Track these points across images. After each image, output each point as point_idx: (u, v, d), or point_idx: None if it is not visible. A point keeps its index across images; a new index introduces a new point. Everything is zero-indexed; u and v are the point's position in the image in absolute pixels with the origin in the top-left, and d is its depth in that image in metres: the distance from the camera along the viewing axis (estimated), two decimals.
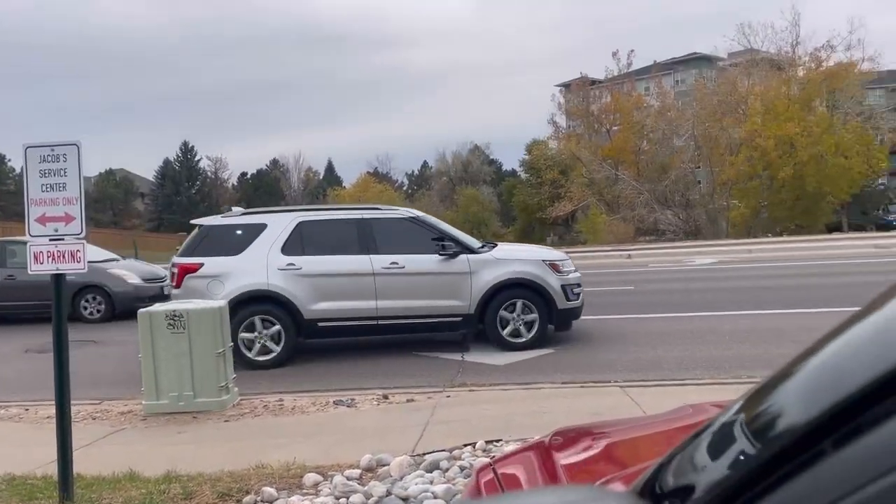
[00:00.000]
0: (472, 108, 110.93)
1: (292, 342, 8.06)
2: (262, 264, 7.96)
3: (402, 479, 4.22)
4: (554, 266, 8.46)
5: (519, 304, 8.23)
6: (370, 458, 4.53)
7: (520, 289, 8.26)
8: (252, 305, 7.95)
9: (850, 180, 35.58)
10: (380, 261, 8.09)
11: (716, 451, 0.88)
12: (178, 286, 8.04)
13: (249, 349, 7.97)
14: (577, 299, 8.56)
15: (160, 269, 13.79)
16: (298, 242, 8.13)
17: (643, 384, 6.55)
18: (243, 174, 79.63)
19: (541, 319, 8.28)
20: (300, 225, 8.23)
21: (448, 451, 4.63)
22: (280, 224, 8.24)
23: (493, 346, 8.42)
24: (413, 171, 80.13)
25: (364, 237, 8.22)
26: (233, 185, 79.40)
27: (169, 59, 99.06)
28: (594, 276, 16.91)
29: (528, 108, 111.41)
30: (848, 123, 36.36)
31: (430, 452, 4.62)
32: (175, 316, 6.29)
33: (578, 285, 8.67)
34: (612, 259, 23.18)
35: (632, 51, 57.08)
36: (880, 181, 42.18)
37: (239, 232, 8.26)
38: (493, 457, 4.41)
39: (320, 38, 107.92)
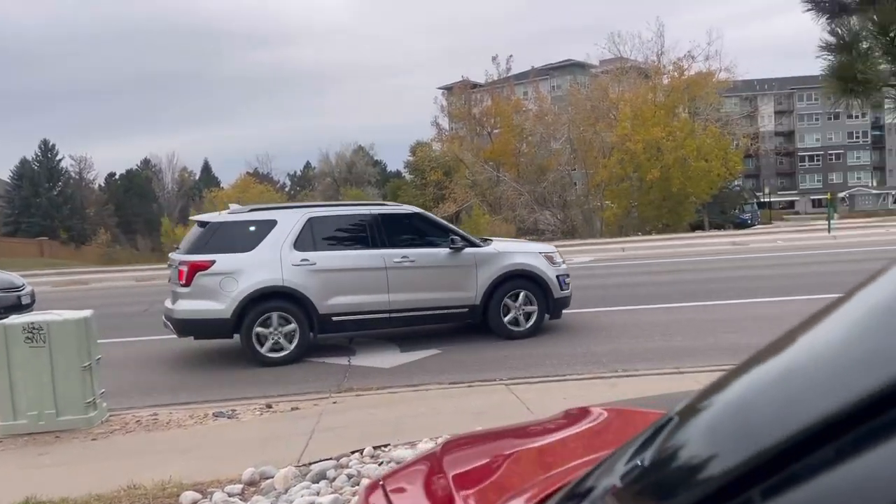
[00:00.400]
0: (355, 109, 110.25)
1: (306, 340, 8.04)
2: (276, 260, 7.94)
3: (286, 491, 4.08)
4: (549, 257, 9.01)
5: (522, 294, 8.67)
6: (253, 472, 4.35)
7: (521, 280, 8.69)
8: (266, 302, 7.91)
9: (711, 182, 38.23)
10: (391, 255, 8.24)
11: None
12: (187, 284, 7.81)
13: (262, 345, 7.90)
14: (569, 289, 9.15)
15: (17, 278, 12.70)
16: (310, 238, 8.13)
17: (528, 381, 6.70)
18: (111, 174, 75.17)
19: (539, 309, 8.76)
20: (310, 221, 8.22)
21: (335, 459, 4.52)
22: (290, 220, 8.18)
23: (386, 348, 8.41)
24: (295, 172, 78.53)
25: (374, 232, 8.34)
26: (99, 185, 74.75)
27: (29, 54, 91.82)
28: None
29: (412, 109, 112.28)
30: (708, 129, 39.07)
31: (317, 462, 4.50)
32: (34, 329, 5.79)
33: (568, 275, 9.24)
34: None
35: (510, 56, 58.76)
36: (736, 183, 45.64)
37: (252, 228, 8.13)
38: (382, 463, 4.36)
39: (194, 34, 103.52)
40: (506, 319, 8.66)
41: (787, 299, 10.48)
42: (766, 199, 63.14)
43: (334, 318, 8.09)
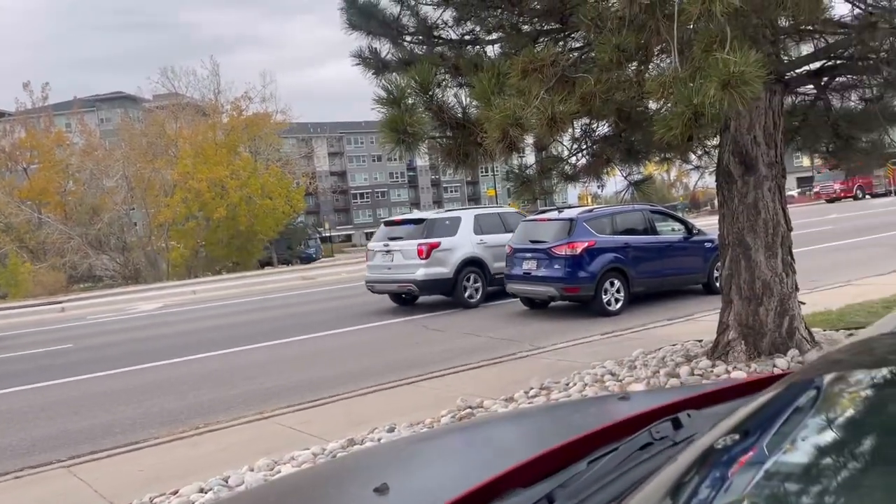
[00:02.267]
0: None
1: (485, 289, 12.50)
2: (469, 241, 12.52)
3: None
4: None
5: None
6: None
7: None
8: (466, 266, 12.35)
9: (276, 219, 39.49)
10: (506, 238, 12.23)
11: None
12: (426, 257, 12.01)
13: (466, 294, 12.36)
14: None
15: None
16: (479, 227, 12.72)
17: (95, 458, 5.80)
18: None
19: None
20: (477, 217, 12.93)
21: None
22: (468, 216, 12.89)
23: None
24: None
25: (504, 224, 12.89)
26: None
27: None
28: (22, 338, 14.64)
29: None
30: (270, 168, 40.38)
31: None
32: None
33: None
34: (42, 315, 20.46)
35: (46, 83, 52.26)
36: (300, 219, 48.05)
37: (447, 222, 12.65)
38: None
39: None
40: None
41: (366, 326, 11.29)
42: (327, 234, 67.97)
43: (496, 276, 12.20)
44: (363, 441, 5.24)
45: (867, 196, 42.33)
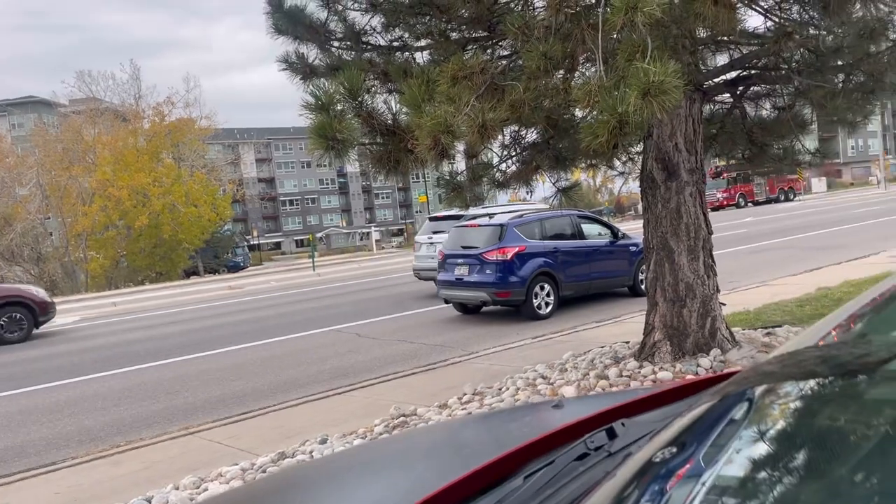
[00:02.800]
0: None
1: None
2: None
3: None
4: None
5: None
6: None
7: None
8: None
9: (202, 227, 38.39)
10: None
11: None
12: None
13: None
14: None
15: None
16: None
17: (5, 482, 5.48)
18: None
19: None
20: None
21: None
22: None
23: None
24: None
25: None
26: None
27: None
28: None
29: None
30: (195, 175, 39.24)
31: None
32: None
33: None
34: None
35: None
36: (227, 228, 46.88)
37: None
38: None
39: None
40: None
41: (290, 337, 11.06)
42: (255, 242, 66.56)
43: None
44: (294, 454, 5.12)
45: (749, 204, 44.32)
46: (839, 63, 5.66)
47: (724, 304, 6.54)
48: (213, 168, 43.31)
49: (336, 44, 6.44)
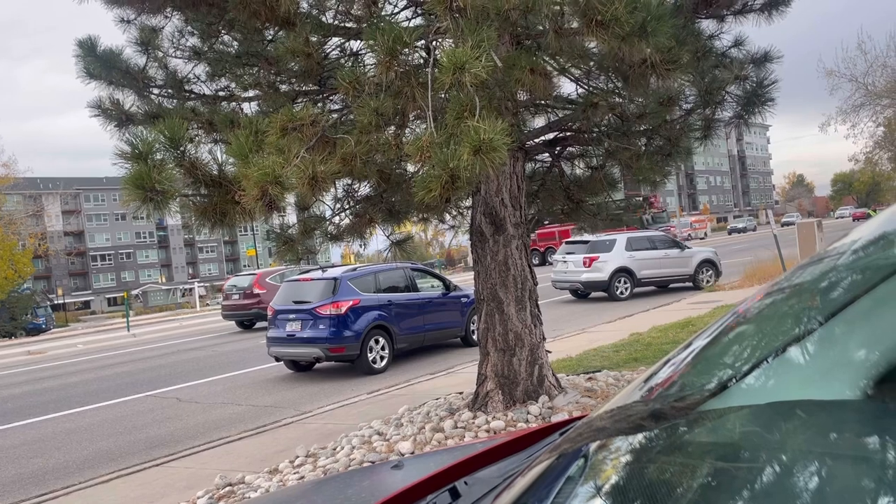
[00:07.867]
0: None
1: (632, 289, 17.37)
2: (621, 256, 17.24)
3: None
4: None
5: None
6: None
7: None
8: (618, 273, 17.23)
9: None
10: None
11: None
12: (589, 266, 17.01)
13: (618, 292, 17.16)
14: None
15: None
16: (630, 245, 17.48)
17: None
18: None
19: None
20: (629, 239, 17.57)
21: None
22: (621, 238, 17.47)
23: None
24: None
25: (652, 243, 17.98)
26: None
27: None
28: None
29: None
30: None
31: None
32: None
33: None
34: None
35: None
36: (26, 286, 42.32)
37: (606, 242, 17.35)
38: None
39: None
40: None
41: (101, 405, 10.05)
42: (60, 301, 60.56)
43: (643, 280, 17.50)
44: None
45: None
46: (642, 128, 6.25)
47: (550, 352, 6.84)
48: (11, 221, 39.17)
49: (156, 91, 6.13)
